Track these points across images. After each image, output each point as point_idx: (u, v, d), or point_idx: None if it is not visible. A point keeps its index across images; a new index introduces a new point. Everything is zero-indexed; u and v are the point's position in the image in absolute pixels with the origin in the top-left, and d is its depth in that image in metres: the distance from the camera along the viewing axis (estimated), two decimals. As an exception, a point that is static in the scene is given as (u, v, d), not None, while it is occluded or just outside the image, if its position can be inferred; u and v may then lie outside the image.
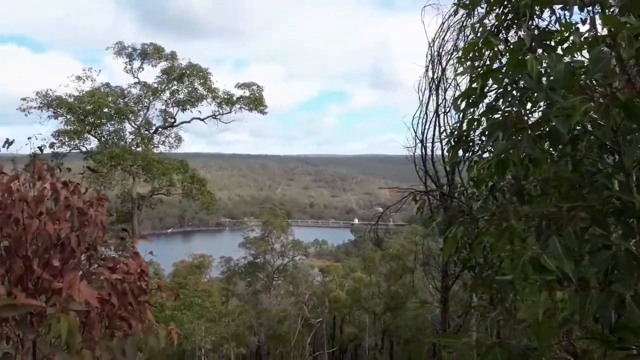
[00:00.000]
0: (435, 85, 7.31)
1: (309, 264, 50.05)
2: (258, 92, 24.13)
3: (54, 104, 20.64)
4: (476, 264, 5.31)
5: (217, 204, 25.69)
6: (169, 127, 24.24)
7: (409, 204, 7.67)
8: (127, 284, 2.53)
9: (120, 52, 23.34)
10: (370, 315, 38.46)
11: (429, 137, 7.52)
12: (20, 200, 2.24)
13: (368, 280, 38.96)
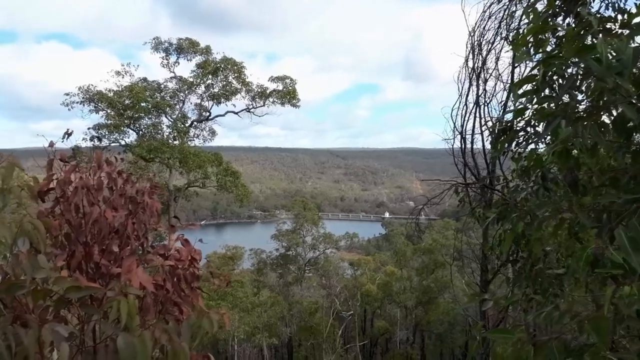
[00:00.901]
0: (475, 75, 7.14)
1: (339, 257, 50.13)
2: (291, 85, 24.21)
3: (95, 99, 21.33)
4: (520, 257, 5.19)
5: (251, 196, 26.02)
6: (204, 121, 24.65)
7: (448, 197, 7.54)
8: (180, 270, 2.60)
9: (157, 47, 23.86)
10: (401, 310, 38.25)
11: (468, 128, 7.36)
12: (83, 188, 2.31)
13: (400, 274, 38.71)
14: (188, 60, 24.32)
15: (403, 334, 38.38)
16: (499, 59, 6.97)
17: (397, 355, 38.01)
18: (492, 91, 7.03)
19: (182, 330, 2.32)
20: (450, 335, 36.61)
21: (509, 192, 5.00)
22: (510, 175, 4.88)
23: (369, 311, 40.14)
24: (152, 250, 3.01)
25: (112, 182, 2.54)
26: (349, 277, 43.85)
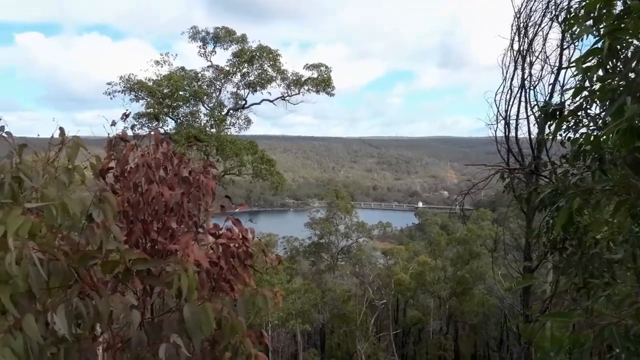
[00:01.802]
0: (521, 58, 6.92)
1: (372, 246, 50.08)
2: (326, 73, 24.13)
3: (135, 88, 21.92)
4: (569, 245, 5.05)
5: (289, 184, 26.26)
6: (240, 109, 24.91)
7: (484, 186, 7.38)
8: (234, 248, 2.66)
9: (195, 37, 24.22)
10: (435, 300, 37.99)
11: (512, 114, 7.16)
12: (144, 166, 2.39)
13: (433, 264, 38.40)
14: (224, 49, 24.60)
15: (436, 324, 38.13)
16: (546, 41, 6.73)
17: (430, 345, 37.84)
18: (539, 74, 6.82)
19: (238, 306, 2.39)
20: (485, 326, 36.17)
21: (558, 177, 4.85)
22: (559, 160, 4.73)
23: (401, 300, 40.05)
24: (204, 229, 3.09)
25: (169, 161, 2.61)
26: (381, 266, 43.83)
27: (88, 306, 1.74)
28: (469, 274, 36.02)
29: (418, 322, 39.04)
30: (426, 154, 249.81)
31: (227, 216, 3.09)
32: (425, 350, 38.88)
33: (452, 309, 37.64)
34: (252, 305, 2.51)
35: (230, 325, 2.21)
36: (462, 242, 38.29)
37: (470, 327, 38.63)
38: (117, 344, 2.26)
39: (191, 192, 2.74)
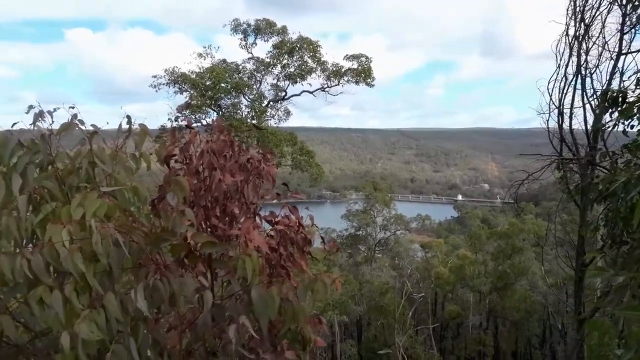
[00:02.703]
0: (577, 44, 6.60)
1: (409, 238, 49.66)
2: (366, 63, 23.94)
3: (179, 80, 22.48)
4: (629, 239, 4.83)
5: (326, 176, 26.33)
6: (280, 101, 25.11)
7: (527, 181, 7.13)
8: (293, 234, 2.68)
9: (236, 29, 24.52)
10: (474, 294, 37.38)
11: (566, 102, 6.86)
12: (208, 153, 2.45)
13: (474, 258, 37.75)
14: (265, 41, 24.80)
15: (476, 319, 37.54)
16: (605, 26, 6.39)
17: (469, 339, 37.29)
18: (596, 61, 6.49)
19: (298, 292, 2.42)
20: (527, 323, 35.35)
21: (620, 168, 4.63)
22: (620, 150, 4.51)
23: (440, 294, 39.60)
24: (260, 216, 3.14)
25: (230, 148, 2.66)
26: (419, 259, 43.45)
27: (165, 286, 1.80)
28: (510, 269, 35.26)
29: (457, 316, 38.57)
30: (466, 145, 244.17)
31: (283, 204, 3.13)
32: (463, 345, 38.40)
33: (493, 304, 36.93)
34: (311, 291, 2.53)
35: (292, 311, 2.24)
36: (503, 236, 37.49)
37: (511, 323, 37.80)
38: (182, 325, 2.33)
39: (250, 179, 2.78)
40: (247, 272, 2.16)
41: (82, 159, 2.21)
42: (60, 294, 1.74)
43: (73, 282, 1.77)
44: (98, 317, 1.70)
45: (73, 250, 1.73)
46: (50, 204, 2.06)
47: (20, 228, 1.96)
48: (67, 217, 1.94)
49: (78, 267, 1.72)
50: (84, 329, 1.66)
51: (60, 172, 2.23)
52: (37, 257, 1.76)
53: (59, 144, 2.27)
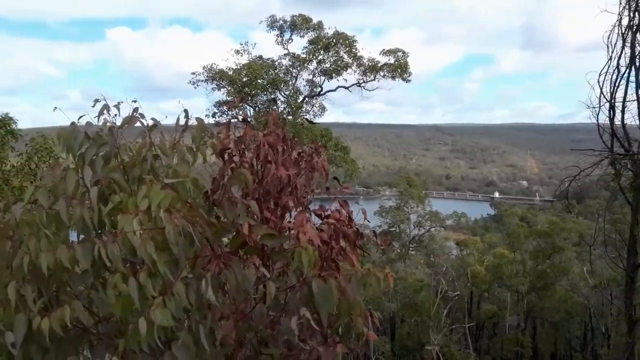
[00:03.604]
0: (631, 34, 6.29)
1: (444, 236, 48.95)
2: (403, 58, 23.68)
3: (217, 77, 22.87)
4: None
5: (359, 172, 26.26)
6: (315, 96, 25.15)
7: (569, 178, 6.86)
8: (345, 227, 2.69)
9: (273, 25, 24.69)
10: (512, 294, 36.59)
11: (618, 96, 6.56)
12: (264, 145, 2.48)
13: (512, 257, 36.91)
14: (301, 37, 24.86)
15: (513, 320, 36.74)
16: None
17: (505, 340, 36.53)
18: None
19: (352, 286, 2.42)
20: (567, 324, 34.34)
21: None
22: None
23: (475, 293, 38.92)
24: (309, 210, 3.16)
25: (283, 142, 2.68)
26: (454, 257, 42.83)
27: (232, 277, 1.84)
28: (550, 269, 34.34)
29: (493, 316, 37.86)
30: (504, 142, 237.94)
31: (332, 198, 3.13)
32: (500, 346, 37.66)
33: (531, 305, 36.05)
34: (364, 286, 2.53)
35: (348, 304, 2.24)
36: (543, 234, 36.53)
37: (551, 324, 36.83)
38: (237, 315, 2.38)
39: (302, 172, 2.80)
40: (303, 264, 2.18)
41: (146, 151, 2.28)
42: (135, 281, 1.82)
43: (146, 270, 1.84)
44: (170, 304, 1.76)
45: (146, 240, 1.80)
46: (118, 194, 2.14)
47: (93, 218, 2.05)
48: (134, 207, 2.01)
49: (151, 256, 1.79)
50: (159, 315, 1.72)
51: (124, 164, 2.31)
52: (112, 245, 1.84)
53: (122, 137, 2.35)
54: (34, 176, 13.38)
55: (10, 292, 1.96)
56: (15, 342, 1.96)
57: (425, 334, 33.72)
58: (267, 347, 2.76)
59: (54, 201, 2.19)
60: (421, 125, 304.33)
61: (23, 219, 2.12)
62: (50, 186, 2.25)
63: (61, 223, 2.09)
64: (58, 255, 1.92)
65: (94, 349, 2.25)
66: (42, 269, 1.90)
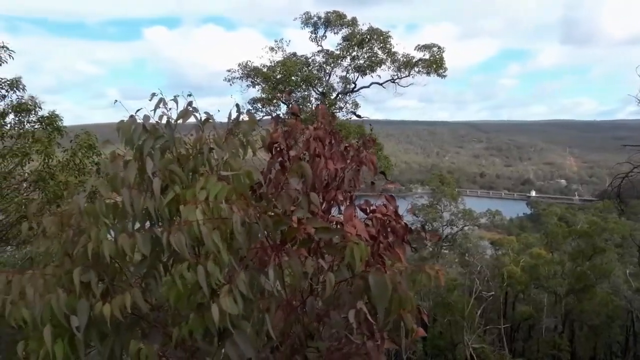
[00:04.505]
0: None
1: (478, 235, 48.06)
2: (438, 53, 23.30)
3: (252, 74, 23.13)
4: None
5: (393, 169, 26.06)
6: (349, 93, 25.08)
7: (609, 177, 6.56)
8: (394, 223, 2.67)
9: (307, 22, 24.74)
10: (550, 296, 35.63)
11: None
12: (315, 139, 2.49)
13: (549, 257, 35.90)
14: (334, 34, 24.83)
15: (550, 322, 35.79)
16: None
17: (542, 342, 35.63)
18: None
19: (401, 279, 2.40)
20: (608, 328, 33.17)
21: None
22: None
23: (510, 294, 38.09)
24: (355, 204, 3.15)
25: (332, 136, 2.69)
26: (488, 256, 42.03)
27: (295, 267, 1.87)
28: (590, 271, 33.24)
29: (529, 317, 36.98)
30: (541, 139, 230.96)
31: (378, 193, 3.12)
32: (536, 348, 36.73)
33: (569, 307, 35.01)
34: (413, 282, 2.51)
35: (399, 299, 2.23)
36: (584, 235, 35.39)
37: (590, 328, 35.66)
38: (287, 306, 2.40)
39: (348, 166, 2.80)
40: (355, 259, 2.18)
41: (202, 144, 2.34)
42: (203, 270, 1.86)
43: (212, 259, 1.89)
44: (236, 293, 1.80)
45: (211, 229, 1.84)
46: (178, 185, 2.20)
47: (156, 209, 2.11)
48: (192, 198, 2.06)
49: (217, 245, 1.83)
50: (227, 303, 1.76)
51: (179, 156, 2.37)
52: (179, 234, 1.90)
53: (177, 130, 2.41)
54: (78, 171, 13.90)
55: (75, 279, 2.04)
56: (79, 327, 2.04)
57: (458, 334, 33.25)
58: (313, 340, 2.77)
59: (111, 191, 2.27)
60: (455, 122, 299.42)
61: (85, 209, 2.20)
62: (109, 177, 2.32)
63: (121, 212, 2.16)
64: (120, 243, 1.99)
65: (149, 336, 2.32)
66: (105, 256, 1.97)
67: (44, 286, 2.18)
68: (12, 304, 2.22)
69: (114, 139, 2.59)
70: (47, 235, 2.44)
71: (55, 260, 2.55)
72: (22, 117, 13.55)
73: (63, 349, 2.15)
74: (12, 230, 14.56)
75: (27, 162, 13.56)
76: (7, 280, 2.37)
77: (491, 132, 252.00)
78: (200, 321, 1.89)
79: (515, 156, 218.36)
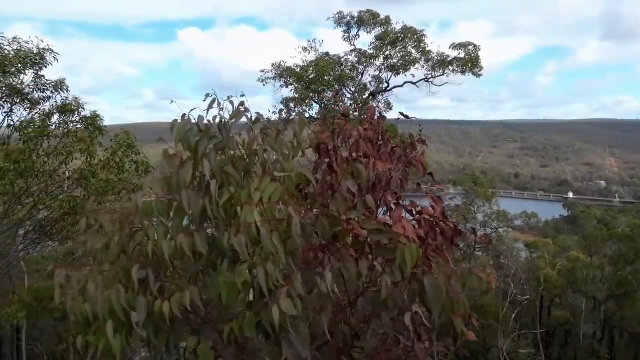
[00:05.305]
0: None
1: (513, 237, 47.02)
2: (474, 52, 22.88)
3: (285, 74, 23.28)
4: None
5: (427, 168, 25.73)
6: (382, 92, 24.92)
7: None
8: (443, 224, 2.64)
9: (340, 22, 24.72)
10: (588, 301, 34.51)
11: None
12: (364, 140, 2.49)
13: (588, 261, 34.77)
14: (368, 33, 24.71)
15: (588, 328, 34.68)
16: None
17: (579, 349, 34.58)
18: None
19: (455, 284, 2.37)
20: (653, 335, 31.93)
21: None
22: None
23: (546, 298, 37.10)
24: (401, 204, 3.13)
25: (381, 136, 2.67)
26: (522, 259, 41.04)
27: (351, 270, 1.87)
28: (632, 276, 32.02)
29: (565, 323, 35.92)
30: (580, 138, 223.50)
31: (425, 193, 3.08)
32: (573, 355, 35.65)
33: (609, 313, 33.85)
34: (463, 285, 2.47)
35: (451, 302, 2.20)
36: (625, 238, 34.12)
37: (631, 335, 34.43)
38: (336, 307, 2.41)
39: (398, 167, 2.78)
40: (407, 261, 2.16)
41: (257, 145, 2.37)
42: (263, 270, 1.89)
43: (272, 260, 1.91)
44: (294, 294, 1.82)
45: (270, 231, 1.87)
46: (233, 186, 2.24)
47: (213, 209, 2.16)
48: (247, 199, 2.10)
49: (276, 247, 1.86)
50: (287, 304, 1.79)
51: (233, 157, 2.41)
52: (239, 236, 1.93)
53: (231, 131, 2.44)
54: (118, 169, 14.33)
55: (134, 276, 2.10)
56: (139, 322, 2.11)
57: (491, 337, 32.63)
58: (359, 341, 2.77)
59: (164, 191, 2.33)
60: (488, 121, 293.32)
61: (143, 207, 2.26)
62: (164, 177, 2.38)
63: (176, 211, 2.22)
64: (179, 242, 2.03)
65: (202, 332, 2.37)
66: (165, 255, 2.03)
67: (102, 282, 2.26)
68: (73, 299, 2.30)
69: (148, 138, 2.64)
70: (104, 233, 2.52)
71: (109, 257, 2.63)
72: (66, 118, 14.05)
73: (121, 343, 2.22)
74: (56, 226, 15.11)
75: (70, 160, 14.06)
76: (67, 276, 2.46)
77: (526, 132, 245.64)
78: (255, 320, 1.92)
79: (552, 156, 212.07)
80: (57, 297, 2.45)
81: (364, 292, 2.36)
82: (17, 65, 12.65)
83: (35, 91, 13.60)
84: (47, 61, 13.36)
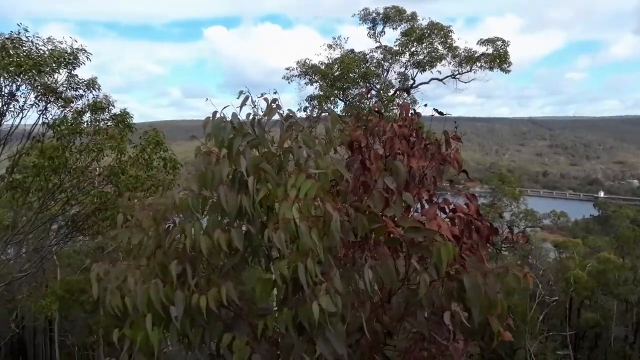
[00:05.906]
0: None
1: (541, 237, 46.06)
2: (503, 47, 22.41)
3: (310, 72, 23.27)
4: None
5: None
6: (408, 89, 24.67)
7: None
8: (479, 223, 2.59)
9: (365, 18, 24.57)
10: (619, 303, 33.56)
11: None
12: (397, 137, 2.47)
13: (620, 262, 33.79)
14: (393, 29, 24.50)
15: (620, 331, 33.75)
16: None
17: (610, 352, 33.68)
18: None
19: (488, 281, 2.33)
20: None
21: None
22: None
23: (575, 300, 36.24)
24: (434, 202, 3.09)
25: (415, 133, 2.65)
26: (551, 260, 40.17)
27: (391, 267, 1.87)
28: (666, 278, 30.99)
29: (596, 325, 35.04)
30: (611, 136, 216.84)
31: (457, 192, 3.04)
32: (603, 358, 34.78)
33: (642, 316, 32.84)
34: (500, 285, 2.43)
35: (488, 301, 2.17)
36: (661, 238, 33.04)
37: (663, 339, 33.32)
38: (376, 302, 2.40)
39: (432, 164, 2.75)
40: (442, 259, 2.14)
41: (292, 142, 2.38)
42: (303, 266, 1.90)
43: (311, 256, 1.92)
44: (332, 291, 1.83)
45: (308, 228, 1.88)
46: (270, 182, 2.26)
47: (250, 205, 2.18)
48: (283, 196, 2.11)
49: (315, 243, 1.87)
50: (326, 301, 1.80)
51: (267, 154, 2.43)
52: (279, 232, 1.95)
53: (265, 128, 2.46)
54: (147, 166, 14.62)
55: (173, 271, 2.14)
56: (177, 316, 2.15)
57: (518, 338, 32.10)
58: (392, 338, 2.76)
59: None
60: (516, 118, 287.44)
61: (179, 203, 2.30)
62: (199, 173, 2.42)
63: (212, 207, 2.25)
64: (216, 238, 2.06)
65: (236, 327, 2.40)
66: (202, 250, 2.06)
67: (141, 277, 2.30)
68: (111, 293, 2.36)
69: (175, 136, 2.67)
70: (141, 228, 2.57)
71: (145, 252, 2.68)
72: (97, 115, 14.39)
73: (158, 336, 2.27)
74: (87, 221, 15.52)
75: (101, 157, 14.41)
76: (106, 270, 2.53)
77: (555, 129, 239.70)
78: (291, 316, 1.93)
79: (582, 154, 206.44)
80: (94, 291, 2.50)
81: (398, 290, 2.34)
82: (51, 64, 13.00)
83: (69, 90, 13.95)
84: (80, 60, 13.70)
